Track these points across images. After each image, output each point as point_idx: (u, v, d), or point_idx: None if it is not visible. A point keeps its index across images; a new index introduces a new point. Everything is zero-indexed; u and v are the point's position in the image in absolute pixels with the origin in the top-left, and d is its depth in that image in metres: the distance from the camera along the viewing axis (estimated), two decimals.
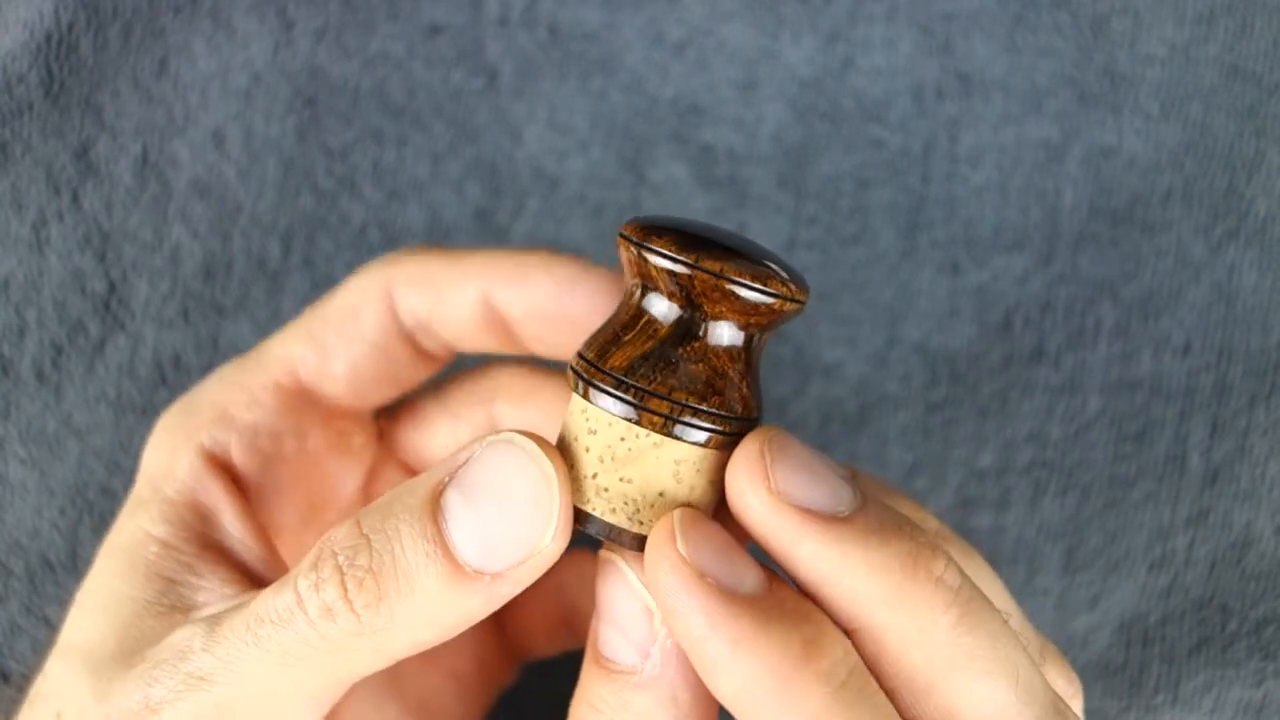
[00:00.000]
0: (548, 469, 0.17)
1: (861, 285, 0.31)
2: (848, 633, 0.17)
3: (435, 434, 0.24)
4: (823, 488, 0.17)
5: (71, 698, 0.19)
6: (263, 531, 0.22)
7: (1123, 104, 0.31)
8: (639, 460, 0.17)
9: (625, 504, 0.18)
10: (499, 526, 0.17)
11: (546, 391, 0.23)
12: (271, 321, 0.30)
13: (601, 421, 0.18)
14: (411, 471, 0.25)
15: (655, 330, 0.18)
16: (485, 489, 0.17)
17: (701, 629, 0.16)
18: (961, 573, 0.17)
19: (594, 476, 0.18)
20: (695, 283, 0.17)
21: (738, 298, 0.17)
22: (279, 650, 0.17)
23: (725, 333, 0.18)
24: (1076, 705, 0.20)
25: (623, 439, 0.17)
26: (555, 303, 0.21)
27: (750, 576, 0.17)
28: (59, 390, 0.29)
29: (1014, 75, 0.31)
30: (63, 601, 0.27)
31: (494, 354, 0.23)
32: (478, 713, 0.26)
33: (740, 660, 0.16)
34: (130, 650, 0.19)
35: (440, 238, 0.30)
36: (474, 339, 0.22)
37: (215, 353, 0.30)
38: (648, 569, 0.17)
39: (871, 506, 0.17)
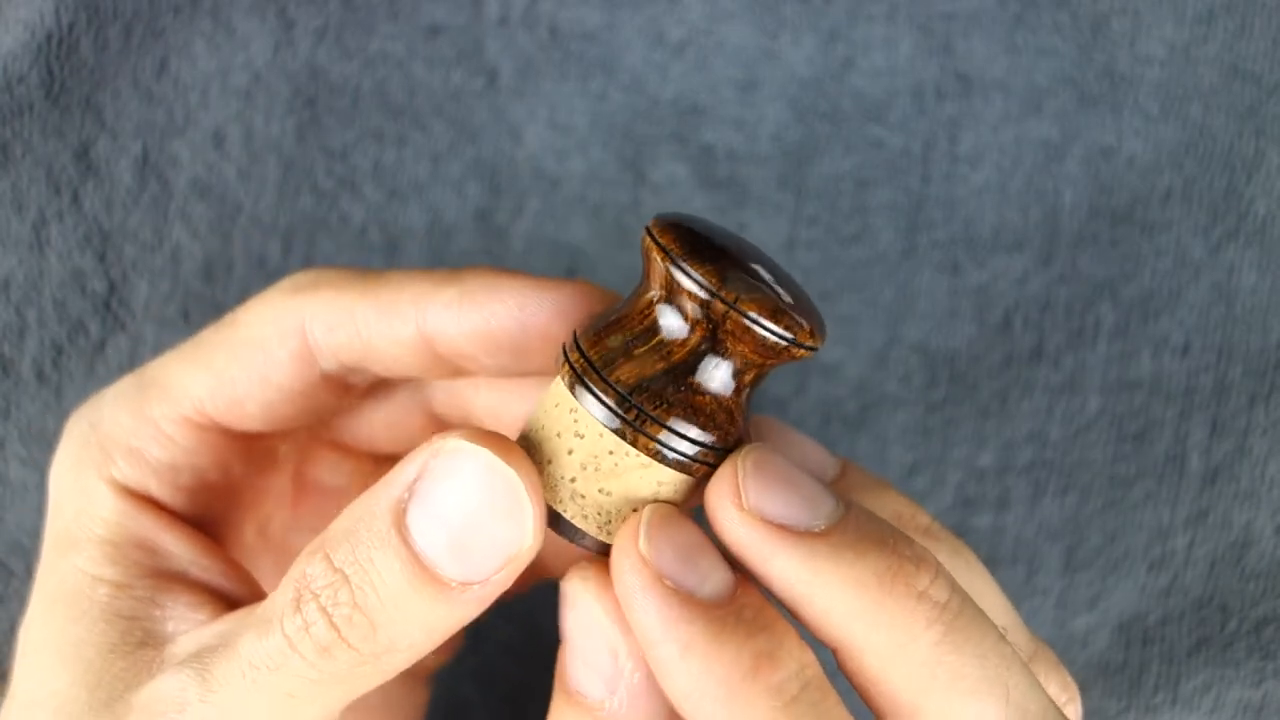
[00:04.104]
0: (513, 479, 0.17)
1: (861, 285, 0.31)
2: (834, 651, 0.17)
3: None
4: (797, 502, 0.17)
5: None
6: (216, 548, 0.21)
7: (1123, 104, 0.31)
8: (623, 476, 0.17)
9: (599, 513, 0.18)
10: (476, 541, 0.17)
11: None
12: None
13: (592, 430, 0.17)
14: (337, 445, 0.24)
15: (669, 352, 0.17)
16: (452, 506, 0.17)
17: (654, 630, 0.16)
18: (952, 585, 0.16)
19: (571, 480, 0.18)
20: (727, 322, 0.17)
21: (764, 342, 0.17)
22: (282, 692, 0.17)
23: (737, 367, 0.17)
24: (1072, 710, 0.20)
25: (611, 453, 0.17)
26: (513, 328, 0.19)
27: (713, 580, 0.17)
28: (59, 390, 0.29)
29: (1014, 75, 0.31)
30: None
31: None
32: (446, 653, 0.26)
33: (688, 665, 0.16)
34: (108, 699, 0.18)
35: (440, 238, 0.30)
36: (415, 371, 0.20)
37: None
38: (613, 564, 0.17)
39: (851, 520, 0.17)
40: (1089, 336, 0.31)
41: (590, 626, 0.17)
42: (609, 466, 0.17)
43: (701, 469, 0.18)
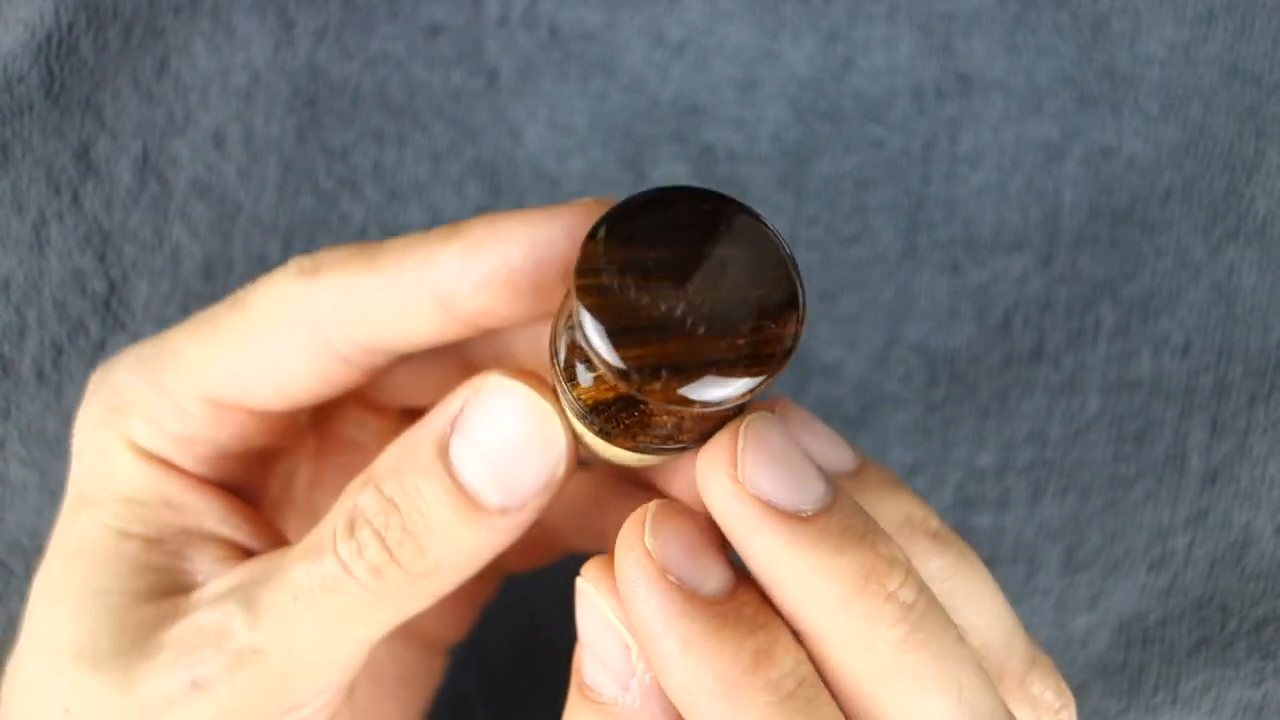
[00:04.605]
0: (547, 413, 0.18)
1: (861, 285, 0.31)
2: (799, 633, 0.17)
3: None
4: (790, 482, 0.17)
5: (78, 694, 0.19)
6: (241, 506, 0.21)
7: (1123, 104, 0.31)
8: (616, 450, 0.18)
9: (610, 460, 0.18)
10: (513, 470, 0.18)
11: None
12: None
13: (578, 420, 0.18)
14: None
15: (613, 385, 0.16)
16: (491, 438, 0.18)
17: (656, 625, 0.16)
18: (919, 587, 0.17)
19: (580, 435, 0.18)
20: (643, 396, 0.16)
21: (696, 416, 0.16)
22: (334, 612, 0.18)
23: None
24: (1065, 717, 0.20)
25: (597, 439, 0.18)
26: (528, 268, 0.18)
27: (715, 578, 0.17)
28: (59, 390, 0.29)
29: (1014, 75, 0.31)
30: None
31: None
32: (463, 626, 0.26)
33: (688, 660, 0.16)
34: (134, 641, 0.19)
35: None
36: (435, 339, 0.20)
37: None
38: (616, 558, 0.17)
39: (837, 511, 0.17)
40: (1089, 336, 0.31)
41: (602, 624, 0.18)
42: (603, 444, 0.18)
43: (692, 448, 0.18)
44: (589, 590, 0.18)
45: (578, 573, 0.19)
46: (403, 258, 0.19)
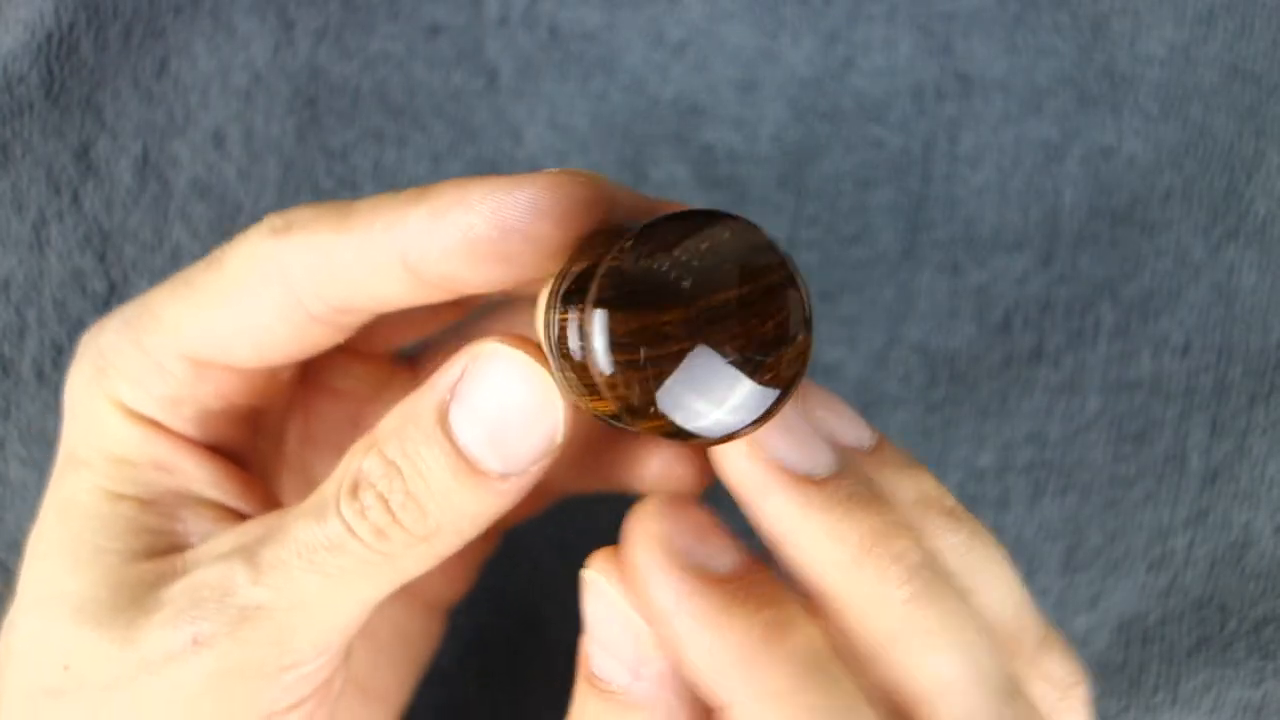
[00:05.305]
0: (544, 379, 0.18)
1: (861, 285, 0.31)
2: (809, 594, 0.17)
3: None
4: (802, 447, 0.17)
5: (77, 650, 0.19)
6: (233, 470, 0.21)
7: (1123, 104, 0.31)
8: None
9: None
10: (512, 436, 0.18)
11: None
12: None
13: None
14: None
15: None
16: (490, 404, 0.18)
17: (670, 605, 0.17)
18: (926, 554, 0.17)
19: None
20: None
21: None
22: (338, 570, 0.18)
23: None
24: (1078, 693, 0.20)
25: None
26: (492, 235, 0.18)
27: (726, 557, 0.17)
28: (59, 390, 0.29)
29: (1014, 75, 0.31)
30: None
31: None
32: (462, 586, 0.26)
33: (704, 637, 0.16)
34: (134, 597, 0.19)
35: None
36: (404, 302, 0.20)
37: None
38: (628, 543, 0.17)
39: (848, 476, 0.17)
40: (1089, 336, 0.31)
41: (611, 613, 0.18)
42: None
43: None
44: (597, 580, 0.18)
45: (575, 568, 0.19)
46: (372, 219, 0.19)
